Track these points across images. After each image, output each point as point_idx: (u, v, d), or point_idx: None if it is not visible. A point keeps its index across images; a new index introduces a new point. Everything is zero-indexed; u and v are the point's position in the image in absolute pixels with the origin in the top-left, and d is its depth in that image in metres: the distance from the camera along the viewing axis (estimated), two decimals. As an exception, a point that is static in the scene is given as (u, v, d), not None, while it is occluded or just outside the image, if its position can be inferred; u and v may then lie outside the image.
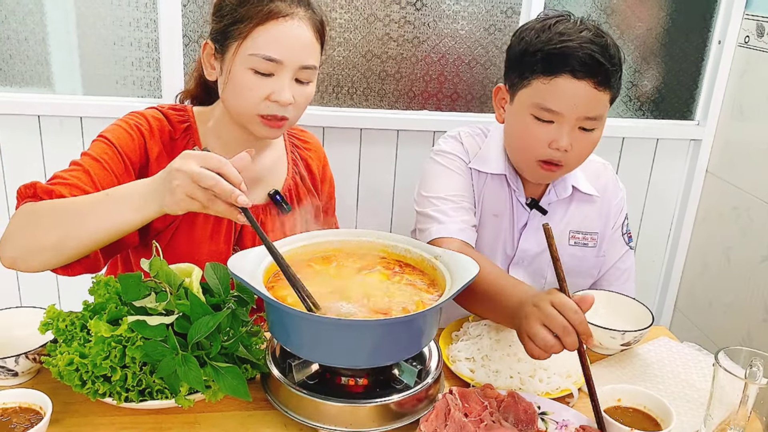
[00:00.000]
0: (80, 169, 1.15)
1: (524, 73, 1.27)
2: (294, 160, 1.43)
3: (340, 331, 0.93)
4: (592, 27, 1.25)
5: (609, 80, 1.23)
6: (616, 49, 1.25)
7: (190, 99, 1.40)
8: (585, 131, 1.27)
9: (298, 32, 1.18)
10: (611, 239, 1.49)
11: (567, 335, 0.95)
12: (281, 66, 1.18)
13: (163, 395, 0.96)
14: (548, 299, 0.98)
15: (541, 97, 1.24)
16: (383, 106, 2.15)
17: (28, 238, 1.05)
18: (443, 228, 1.30)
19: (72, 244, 1.04)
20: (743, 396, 0.92)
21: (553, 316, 0.96)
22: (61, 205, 1.05)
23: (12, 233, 1.07)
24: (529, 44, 1.25)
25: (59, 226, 1.03)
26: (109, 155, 1.19)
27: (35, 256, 1.05)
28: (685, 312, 2.53)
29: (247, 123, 1.23)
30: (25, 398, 0.94)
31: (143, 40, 1.98)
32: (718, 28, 2.26)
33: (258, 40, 1.17)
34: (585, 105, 1.23)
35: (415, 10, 2.06)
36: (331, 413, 0.96)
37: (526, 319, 1.00)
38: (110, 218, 1.02)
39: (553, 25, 1.25)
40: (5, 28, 1.90)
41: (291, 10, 1.18)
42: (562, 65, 1.21)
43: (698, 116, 2.37)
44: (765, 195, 2.14)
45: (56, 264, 1.07)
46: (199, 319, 0.96)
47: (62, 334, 0.99)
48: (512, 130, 1.34)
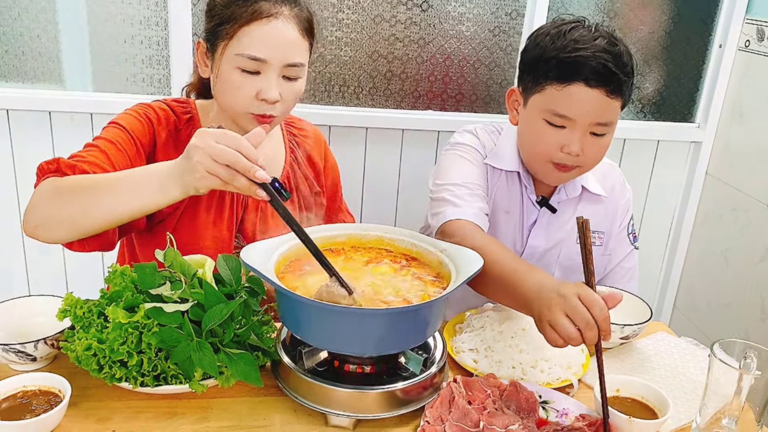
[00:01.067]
0: (97, 150, 1.18)
1: (538, 79, 1.29)
2: (292, 148, 1.46)
3: (348, 319, 0.97)
4: (606, 34, 1.26)
5: (621, 88, 1.25)
6: (629, 56, 1.27)
7: (195, 92, 1.44)
8: (596, 136, 1.29)
9: (283, 31, 1.21)
10: (617, 238, 1.52)
11: (589, 330, 0.96)
12: (267, 65, 1.21)
13: (178, 380, 0.99)
14: (576, 292, 0.98)
15: (554, 103, 1.27)
16: (389, 105, 2.19)
17: (51, 209, 1.07)
18: (459, 211, 1.30)
19: (92, 219, 1.06)
20: (737, 387, 0.94)
21: (579, 310, 0.96)
22: (85, 181, 1.08)
23: (36, 204, 1.09)
24: (544, 50, 1.27)
25: (82, 201, 1.06)
26: (123, 138, 1.23)
27: (57, 227, 1.08)
28: (684, 311, 2.56)
29: (238, 119, 1.27)
30: (45, 381, 0.97)
31: (153, 38, 2.02)
32: (719, 32, 2.30)
33: (243, 40, 1.20)
34: (597, 112, 1.25)
35: (421, 11, 2.10)
36: (340, 399, 0.99)
37: (548, 308, 1.00)
38: (133, 198, 1.04)
39: (568, 31, 1.26)
40: (18, 25, 1.93)
41: (275, 10, 1.21)
42: (575, 73, 1.23)
43: (699, 119, 2.40)
44: (763, 197, 2.17)
45: (75, 236, 1.09)
46: (213, 307, 0.99)
47: (80, 321, 1.03)
48: (525, 132, 1.37)
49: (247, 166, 0.94)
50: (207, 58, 1.29)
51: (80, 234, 1.09)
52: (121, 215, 1.06)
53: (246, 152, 0.95)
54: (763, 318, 2.15)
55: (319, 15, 2.05)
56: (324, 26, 2.07)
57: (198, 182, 0.97)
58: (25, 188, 2.07)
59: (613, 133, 1.32)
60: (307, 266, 1.10)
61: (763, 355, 0.96)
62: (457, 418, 0.99)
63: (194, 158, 0.95)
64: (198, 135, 0.97)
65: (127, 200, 1.04)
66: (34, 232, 1.10)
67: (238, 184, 0.96)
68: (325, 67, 2.11)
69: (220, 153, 0.94)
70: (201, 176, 0.95)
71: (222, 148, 0.94)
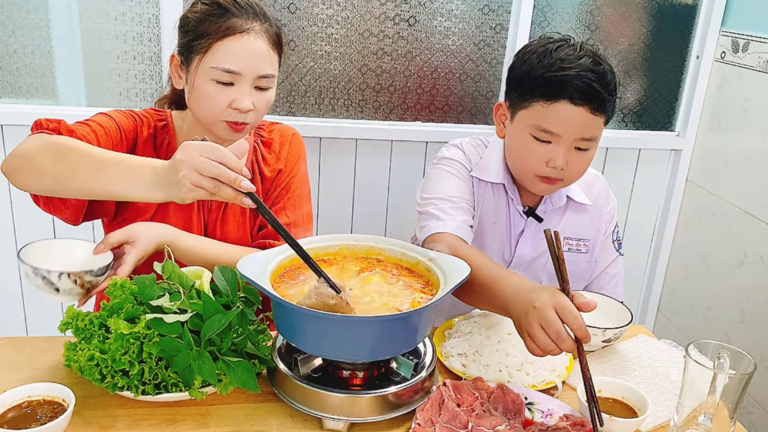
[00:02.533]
0: (89, 129, 1.25)
1: (525, 95, 1.34)
2: (255, 150, 1.47)
3: (342, 327, 1.01)
4: (590, 53, 1.31)
5: (605, 105, 1.31)
6: (613, 75, 1.32)
7: (168, 103, 1.48)
8: (580, 151, 1.34)
9: (254, 46, 1.28)
10: (602, 245, 1.57)
11: (562, 341, 1.01)
12: (240, 76, 1.28)
13: (178, 388, 1.03)
14: (551, 303, 1.02)
15: (540, 119, 1.32)
16: (378, 117, 2.24)
17: (40, 158, 1.12)
18: (442, 224, 1.36)
19: (75, 184, 1.10)
20: (712, 386, 0.99)
21: (552, 321, 1.01)
22: (81, 147, 1.12)
23: (26, 149, 1.14)
24: (531, 68, 1.32)
25: (73, 163, 1.10)
26: (111, 126, 1.31)
27: (37, 176, 1.12)
28: (668, 315, 2.62)
29: (212, 127, 1.33)
30: (50, 392, 1.00)
31: (146, 53, 2.06)
32: (696, 44, 2.37)
33: (218, 54, 1.26)
34: (581, 128, 1.30)
35: (408, 26, 2.15)
36: (334, 404, 1.03)
37: (525, 316, 1.05)
38: (118, 184, 1.07)
39: (554, 50, 1.31)
40: (13, 41, 1.97)
41: (247, 26, 1.28)
42: (561, 92, 1.28)
43: (678, 127, 2.47)
44: (741, 203, 2.24)
45: (50, 192, 1.15)
46: (211, 317, 1.04)
47: (81, 333, 1.06)
48: (512, 146, 1.42)
49: (232, 177, 0.97)
50: (181, 71, 1.34)
51: (55, 192, 1.14)
52: (100, 193, 1.11)
53: (230, 164, 0.98)
54: (743, 320, 2.21)
55: (309, 30, 2.11)
56: (314, 41, 2.12)
57: (185, 194, 1.00)
58: (20, 203, 2.09)
59: (596, 148, 1.37)
60: (301, 276, 1.14)
61: (736, 356, 1.01)
62: (447, 420, 1.03)
63: (180, 172, 0.98)
64: (182, 149, 0.99)
65: (112, 183, 1.08)
66: (11, 174, 1.15)
67: (224, 194, 0.99)
68: (316, 81, 2.16)
69: (205, 166, 0.97)
70: (188, 189, 0.99)
71: (206, 161, 0.97)
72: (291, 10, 2.08)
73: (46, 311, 2.20)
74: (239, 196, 0.99)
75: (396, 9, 2.13)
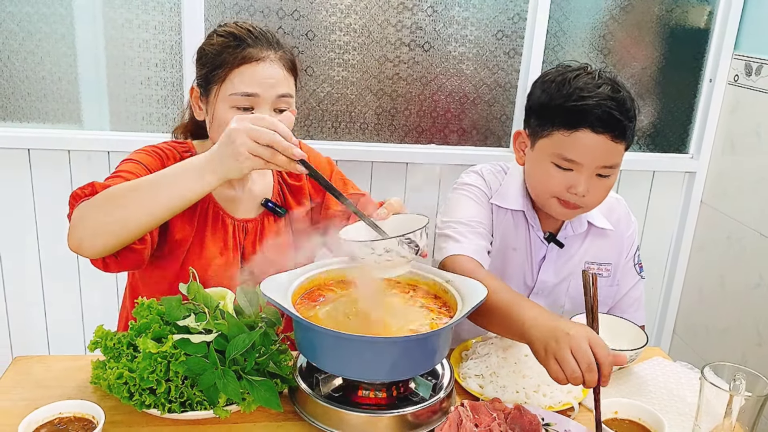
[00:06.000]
0: (121, 179, 1.26)
1: (545, 124, 1.35)
2: None
3: (362, 347, 1.04)
4: (609, 81, 1.33)
5: (625, 132, 1.32)
6: (632, 101, 1.33)
7: (184, 132, 1.51)
8: (602, 177, 1.35)
9: (270, 71, 1.32)
10: (624, 269, 1.57)
11: (589, 372, 1.02)
12: (259, 99, 1.31)
13: (203, 406, 1.06)
14: (585, 334, 1.04)
15: (561, 148, 1.33)
16: (393, 140, 2.28)
17: (95, 218, 1.14)
18: (459, 246, 1.37)
19: (136, 218, 1.12)
20: (728, 408, 1.00)
21: (585, 352, 1.02)
22: (123, 186, 1.15)
23: (81, 219, 1.15)
24: (551, 97, 1.34)
25: (125, 202, 1.12)
26: (140, 171, 1.32)
27: (102, 234, 1.14)
28: (683, 336, 2.61)
29: None
30: (80, 409, 1.03)
31: (168, 79, 2.12)
32: (709, 67, 2.40)
33: (235, 80, 1.30)
34: (603, 156, 1.32)
35: (423, 51, 2.20)
36: (354, 423, 1.05)
37: (556, 341, 1.05)
38: (172, 190, 1.10)
39: (573, 79, 1.33)
40: (41, 68, 2.04)
41: (263, 54, 1.32)
42: (582, 121, 1.30)
43: (692, 150, 2.49)
44: (756, 224, 2.24)
45: (115, 245, 1.15)
46: (236, 337, 1.07)
47: (110, 352, 1.10)
48: (533, 173, 1.43)
49: (285, 145, 1.03)
50: (201, 102, 1.38)
51: (122, 238, 1.15)
52: (161, 210, 1.12)
53: (282, 133, 1.03)
54: (760, 342, 2.20)
55: (327, 56, 2.16)
56: (331, 66, 2.17)
57: (242, 164, 1.04)
58: (44, 224, 2.15)
59: (617, 174, 1.38)
60: (321, 297, 1.17)
61: (751, 378, 1.02)
62: (465, 440, 1.05)
63: (237, 141, 1.02)
64: (236, 120, 1.04)
65: (167, 193, 1.11)
66: (79, 247, 1.16)
67: (278, 161, 1.04)
68: (333, 105, 2.21)
69: (260, 133, 1.02)
70: (245, 158, 1.03)
71: (260, 129, 1.02)
72: (309, 37, 2.13)
73: (67, 331, 2.25)
74: (292, 163, 1.04)
75: (411, 35, 2.18)
